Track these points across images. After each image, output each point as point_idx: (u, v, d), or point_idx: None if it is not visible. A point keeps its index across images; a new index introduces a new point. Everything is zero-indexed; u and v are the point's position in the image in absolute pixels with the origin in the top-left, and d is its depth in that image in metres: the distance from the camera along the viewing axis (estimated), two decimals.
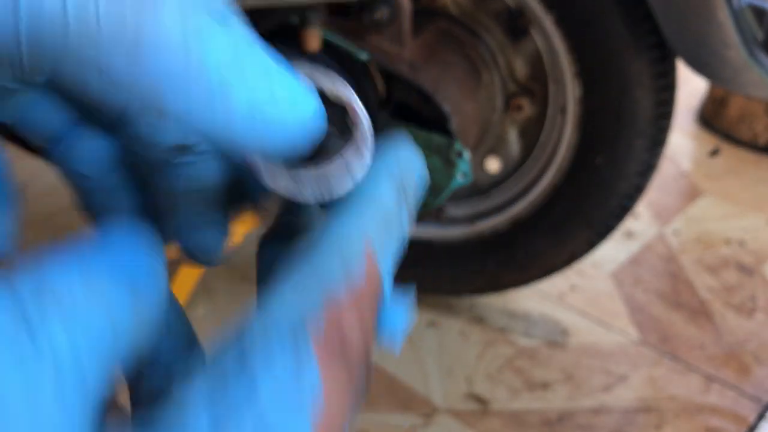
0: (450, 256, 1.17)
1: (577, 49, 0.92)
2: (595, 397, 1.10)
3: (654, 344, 1.20)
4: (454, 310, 1.28)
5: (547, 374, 1.14)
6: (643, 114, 0.93)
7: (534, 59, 1.04)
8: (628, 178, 0.98)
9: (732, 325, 1.25)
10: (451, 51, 0.98)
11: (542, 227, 1.08)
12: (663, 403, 1.08)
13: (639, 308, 1.29)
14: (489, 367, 1.16)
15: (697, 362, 1.17)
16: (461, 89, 0.96)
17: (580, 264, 1.34)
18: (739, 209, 1.61)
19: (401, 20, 0.88)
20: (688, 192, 1.68)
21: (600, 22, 0.88)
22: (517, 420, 1.06)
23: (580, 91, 0.96)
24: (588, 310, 1.29)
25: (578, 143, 1.00)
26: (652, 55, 0.89)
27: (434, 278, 1.20)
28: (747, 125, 1.86)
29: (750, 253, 1.45)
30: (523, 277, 1.14)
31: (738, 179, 1.73)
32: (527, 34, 1.02)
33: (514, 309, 1.28)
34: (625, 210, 1.02)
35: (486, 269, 1.15)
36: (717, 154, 1.84)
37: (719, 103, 1.94)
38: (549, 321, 1.26)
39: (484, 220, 1.14)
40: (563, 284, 1.35)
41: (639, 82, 0.90)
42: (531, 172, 1.11)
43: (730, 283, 1.36)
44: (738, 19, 0.81)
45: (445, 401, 1.09)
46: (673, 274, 1.38)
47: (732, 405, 1.08)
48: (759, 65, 0.83)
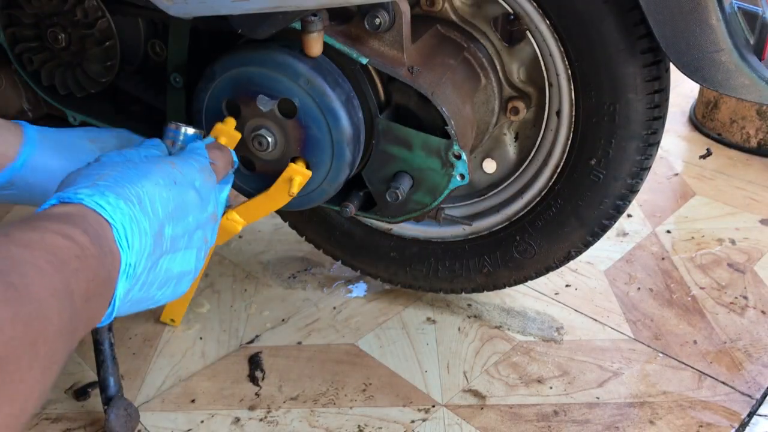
0: (448, 255, 1.19)
1: (572, 54, 0.93)
2: (590, 392, 1.12)
3: (647, 341, 1.22)
4: (452, 308, 1.30)
5: (542, 370, 1.16)
6: (636, 117, 0.94)
7: (530, 63, 1.06)
8: (621, 180, 1.00)
9: (724, 322, 1.27)
10: (450, 55, 1.00)
11: (538, 227, 1.10)
12: (656, 398, 1.10)
13: (632, 306, 1.31)
14: (486, 363, 1.18)
15: (689, 358, 1.18)
16: (459, 93, 0.98)
17: (574, 263, 1.36)
18: (731, 209, 1.63)
19: (401, 25, 0.89)
20: (680, 192, 1.70)
21: (594, 27, 0.89)
22: (514, 414, 1.08)
23: (574, 94, 0.97)
24: (582, 308, 1.30)
25: (573, 145, 1.02)
26: (645, 59, 0.90)
27: (432, 277, 1.22)
28: (738, 127, 1.89)
29: (741, 251, 1.47)
30: (520, 276, 1.16)
31: (729, 180, 1.76)
32: (523, 39, 1.04)
33: (511, 306, 1.30)
34: (619, 210, 1.04)
35: (483, 268, 1.17)
36: (708, 156, 1.86)
37: (711, 105, 1.96)
38: (544, 318, 1.28)
39: (480, 220, 1.16)
40: (558, 282, 1.37)
41: (632, 86, 0.92)
42: (527, 174, 1.13)
43: (722, 281, 1.38)
44: (730, 23, 0.83)
45: (444, 396, 1.11)
46: (666, 272, 1.40)
47: (724, 400, 1.10)
48: (750, 69, 0.84)
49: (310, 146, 0.90)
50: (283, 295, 1.35)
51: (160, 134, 0.80)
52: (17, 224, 0.48)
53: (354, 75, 0.92)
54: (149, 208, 0.61)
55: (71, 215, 0.53)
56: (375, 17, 0.88)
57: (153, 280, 0.63)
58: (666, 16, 0.83)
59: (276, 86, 0.87)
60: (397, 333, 1.24)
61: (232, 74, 0.89)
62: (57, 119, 1.10)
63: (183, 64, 0.98)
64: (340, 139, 0.89)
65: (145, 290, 0.62)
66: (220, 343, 1.22)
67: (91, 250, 0.50)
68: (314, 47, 0.86)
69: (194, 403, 1.10)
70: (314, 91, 0.86)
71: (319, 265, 1.42)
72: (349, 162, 0.91)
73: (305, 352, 1.21)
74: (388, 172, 0.99)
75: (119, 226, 0.56)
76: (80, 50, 1.01)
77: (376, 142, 0.96)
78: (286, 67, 0.86)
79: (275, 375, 1.16)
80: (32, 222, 0.50)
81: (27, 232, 0.47)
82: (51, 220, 0.51)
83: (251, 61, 0.88)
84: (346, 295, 1.34)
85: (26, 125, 0.84)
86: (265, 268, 1.42)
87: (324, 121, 0.88)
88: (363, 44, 0.91)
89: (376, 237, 1.22)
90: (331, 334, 1.24)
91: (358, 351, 1.21)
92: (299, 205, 0.97)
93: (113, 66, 1.01)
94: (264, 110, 0.87)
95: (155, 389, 1.13)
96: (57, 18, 0.99)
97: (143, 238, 0.59)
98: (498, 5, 1.01)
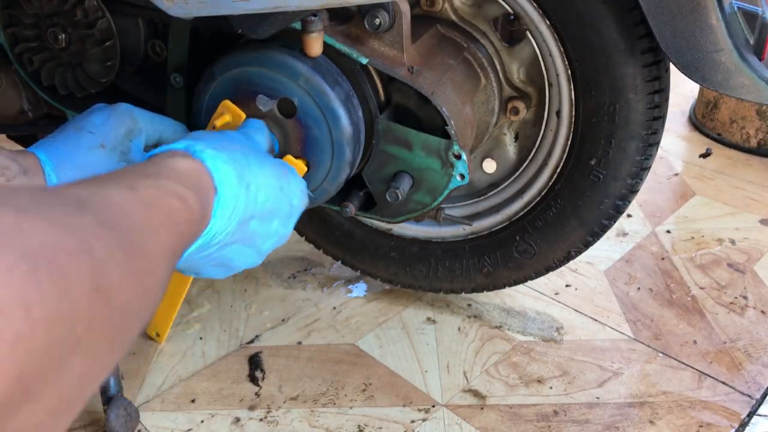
0: (448, 255, 1.19)
1: (572, 54, 0.94)
2: (590, 392, 1.12)
3: (647, 341, 1.22)
4: (452, 308, 1.30)
5: (542, 370, 1.16)
6: (636, 117, 0.94)
7: (530, 63, 1.06)
8: (621, 180, 1.00)
9: (724, 322, 1.27)
10: (450, 55, 1.00)
11: (538, 227, 1.10)
12: (656, 398, 1.10)
13: (632, 306, 1.31)
14: (486, 363, 1.18)
15: (689, 358, 1.18)
16: (459, 93, 0.98)
17: (574, 263, 1.36)
18: (731, 209, 1.63)
19: (401, 25, 0.89)
20: (680, 192, 1.70)
21: (594, 27, 0.90)
22: (514, 414, 1.08)
23: (574, 94, 0.98)
24: (582, 308, 1.31)
25: (573, 145, 1.02)
26: (644, 59, 0.90)
27: (432, 277, 1.22)
28: (738, 127, 1.89)
29: (741, 251, 1.47)
30: (520, 276, 1.16)
31: (729, 180, 1.76)
32: (523, 39, 1.04)
33: (511, 306, 1.30)
34: (619, 210, 1.04)
35: (483, 268, 1.17)
36: (708, 155, 1.87)
37: (711, 105, 1.96)
38: (544, 318, 1.28)
39: (480, 220, 1.16)
40: (558, 282, 1.37)
41: (632, 86, 0.92)
42: (527, 174, 1.13)
43: (722, 281, 1.38)
44: (729, 23, 0.83)
45: (444, 396, 1.11)
46: (666, 272, 1.41)
47: (724, 400, 1.10)
48: (750, 69, 0.84)
49: (310, 145, 0.90)
50: (283, 295, 1.35)
51: None
52: (143, 174, 0.53)
53: (354, 75, 0.92)
54: (253, 195, 0.66)
55: (190, 173, 0.58)
56: (375, 17, 0.88)
57: (214, 257, 0.67)
58: (666, 16, 0.83)
59: (276, 86, 0.87)
60: (397, 333, 1.24)
61: (232, 74, 0.89)
62: (57, 119, 1.10)
63: (183, 64, 0.98)
64: (340, 138, 0.89)
65: (201, 263, 0.67)
66: (220, 343, 1.22)
67: (197, 214, 0.55)
68: (314, 47, 0.86)
69: (194, 403, 1.10)
70: (314, 90, 0.86)
71: (319, 265, 1.42)
72: (349, 161, 0.91)
73: (305, 352, 1.21)
74: (388, 172, 0.99)
75: (223, 198, 0.61)
76: (80, 50, 1.01)
77: (376, 142, 0.96)
78: (286, 67, 0.86)
79: (275, 375, 1.16)
80: (157, 174, 0.54)
81: (151, 189, 0.50)
82: (171, 177, 0.55)
83: (251, 61, 0.88)
84: (346, 295, 1.34)
85: (39, 152, 0.80)
86: (265, 268, 1.42)
87: (324, 121, 0.88)
88: (363, 44, 0.91)
89: (376, 237, 1.22)
90: (331, 334, 1.25)
91: (358, 351, 1.21)
92: None
93: (113, 66, 1.01)
94: (263, 110, 0.87)
95: (155, 389, 1.13)
96: (57, 18, 0.99)
97: (232, 218, 0.63)
98: (498, 5, 1.01)
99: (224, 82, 0.90)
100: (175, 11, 0.80)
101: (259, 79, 0.88)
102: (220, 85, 0.90)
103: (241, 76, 0.88)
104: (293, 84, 0.86)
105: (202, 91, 0.92)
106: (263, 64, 0.87)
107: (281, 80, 0.87)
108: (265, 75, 0.87)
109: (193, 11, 0.79)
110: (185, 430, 1.05)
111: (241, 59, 0.88)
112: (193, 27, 0.95)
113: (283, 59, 0.86)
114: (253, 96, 0.87)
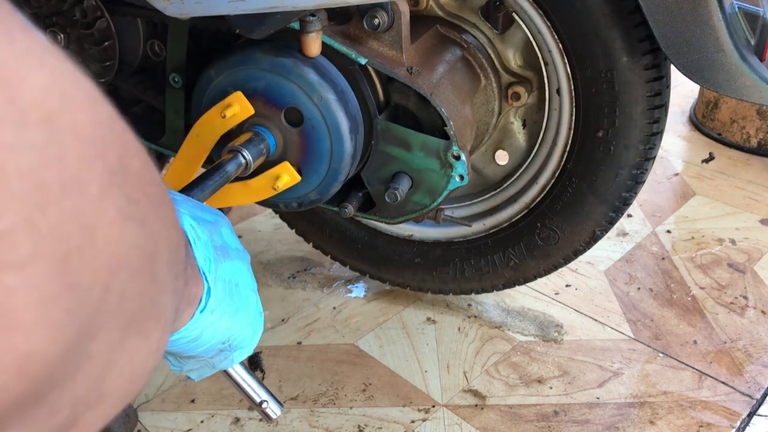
0: (472, 253, 1.18)
1: (559, 26, 0.92)
2: (590, 392, 1.12)
3: (647, 341, 1.22)
4: (452, 308, 1.30)
5: (542, 370, 1.16)
6: (635, 80, 0.92)
7: (524, 47, 1.05)
8: (633, 148, 0.98)
9: (724, 322, 1.27)
10: (449, 55, 1.00)
11: (557, 210, 1.07)
12: (656, 398, 1.10)
13: (632, 306, 1.31)
14: (486, 363, 1.17)
15: (689, 358, 1.18)
16: (459, 93, 0.98)
17: (574, 263, 1.36)
18: (731, 209, 1.63)
19: (400, 25, 0.89)
20: (680, 192, 1.70)
21: (590, 23, 0.89)
22: (514, 414, 1.08)
23: (569, 68, 0.96)
24: (582, 308, 1.30)
25: (578, 120, 1.00)
26: (633, 19, 0.89)
27: (460, 278, 1.21)
28: (738, 127, 1.88)
29: (741, 251, 1.47)
30: (548, 264, 1.13)
31: (730, 180, 1.75)
32: (512, 24, 1.03)
33: (511, 306, 1.30)
34: (637, 180, 1.01)
35: (509, 261, 1.15)
36: (711, 160, 1.86)
37: (711, 105, 1.96)
38: (544, 318, 1.28)
39: (499, 213, 1.15)
40: (558, 282, 1.37)
41: (626, 49, 0.91)
42: (539, 158, 1.11)
43: (722, 281, 1.38)
44: (730, 23, 0.83)
45: (444, 396, 1.11)
46: (666, 272, 1.40)
47: (724, 400, 1.10)
48: (751, 69, 0.83)
49: (308, 156, 0.90)
50: (283, 295, 1.35)
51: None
52: None
53: (352, 75, 0.92)
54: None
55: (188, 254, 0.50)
56: (374, 17, 0.88)
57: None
58: (666, 17, 0.83)
59: (288, 95, 0.87)
60: (397, 333, 1.24)
61: (231, 74, 0.89)
62: None
63: (182, 64, 0.97)
64: (339, 157, 0.89)
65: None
66: None
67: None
68: (312, 47, 0.86)
69: (194, 403, 1.10)
70: (327, 110, 0.86)
71: (319, 265, 1.42)
72: (341, 180, 0.92)
73: (305, 352, 1.21)
74: (387, 172, 0.98)
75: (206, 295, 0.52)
76: (79, 50, 1.01)
77: (375, 142, 0.96)
78: (285, 67, 0.86)
79: (275, 375, 1.16)
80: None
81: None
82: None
83: (249, 61, 0.87)
84: (346, 295, 1.34)
85: None
86: (265, 268, 1.42)
87: (328, 138, 0.88)
88: (362, 44, 0.91)
89: (398, 245, 1.21)
90: (331, 334, 1.24)
91: (358, 351, 1.21)
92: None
93: (112, 66, 1.01)
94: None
95: (155, 389, 1.13)
96: (56, 18, 0.99)
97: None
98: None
99: (223, 82, 0.89)
100: (171, 11, 0.80)
101: (256, 78, 0.87)
102: (219, 85, 0.90)
103: (240, 76, 0.88)
104: (306, 98, 0.86)
105: (202, 91, 0.91)
106: (261, 65, 0.87)
107: (280, 80, 0.86)
108: (264, 75, 0.87)
109: (190, 12, 0.79)
110: (185, 430, 1.05)
111: (240, 59, 0.88)
112: (192, 27, 0.95)
113: (281, 59, 0.86)
114: (251, 95, 0.87)
